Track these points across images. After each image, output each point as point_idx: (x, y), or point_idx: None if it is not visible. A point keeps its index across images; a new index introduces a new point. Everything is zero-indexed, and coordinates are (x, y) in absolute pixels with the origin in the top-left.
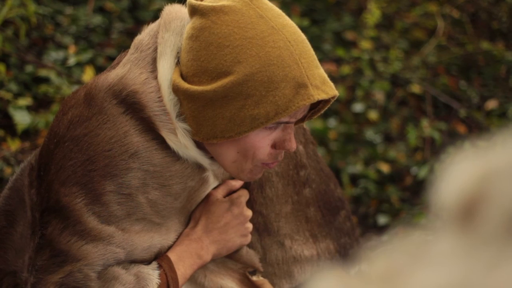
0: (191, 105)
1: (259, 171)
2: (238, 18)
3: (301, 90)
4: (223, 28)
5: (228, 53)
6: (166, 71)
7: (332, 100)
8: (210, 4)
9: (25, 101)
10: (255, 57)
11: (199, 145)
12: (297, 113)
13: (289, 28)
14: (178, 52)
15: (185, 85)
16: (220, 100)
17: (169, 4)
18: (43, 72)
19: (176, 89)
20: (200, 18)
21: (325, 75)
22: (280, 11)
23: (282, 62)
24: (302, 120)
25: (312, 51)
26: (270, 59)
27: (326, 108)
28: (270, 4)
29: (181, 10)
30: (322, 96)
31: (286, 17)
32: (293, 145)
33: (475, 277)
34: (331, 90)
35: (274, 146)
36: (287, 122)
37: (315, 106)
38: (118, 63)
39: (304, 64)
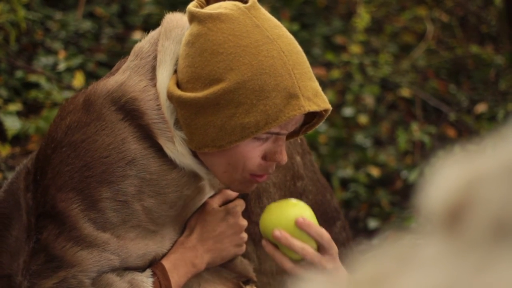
0: (183, 112)
1: (250, 183)
2: (234, 26)
3: (292, 101)
4: (219, 35)
5: (222, 60)
6: (165, 79)
7: (326, 115)
8: (208, 11)
9: (15, 106)
10: (248, 65)
11: (196, 154)
12: (288, 124)
13: (285, 39)
14: (177, 60)
15: (178, 92)
16: (211, 108)
17: (170, 13)
18: (33, 78)
19: (170, 96)
20: (197, 24)
21: (319, 88)
22: (277, 22)
23: (275, 71)
24: (296, 133)
25: (307, 64)
26: (263, 67)
27: (320, 123)
28: (268, 15)
29: (182, 19)
30: (313, 108)
31: (283, 28)
32: (284, 157)
33: (462, 282)
34: (323, 103)
35: (264, 157)
36: (278, 133)
37: (310, 121)
38: (117, 70)
39: (296, 75)
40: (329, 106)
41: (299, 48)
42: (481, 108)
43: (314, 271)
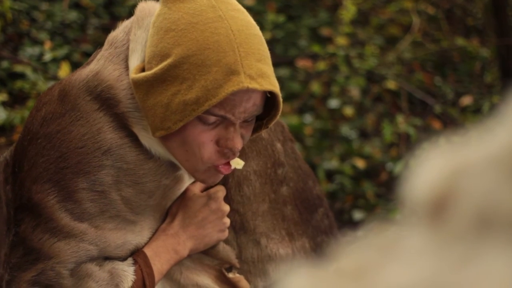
0: (138, 95)
1: (214, 174)
2: (190, 5)
3: (232, 77)
4: (175, 14)
5: (172, 37)
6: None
7: (279, 106)
8: None
9: (0, 97)
10: (194, 40)
11: None
12: (234, 109)
13: (239, 20)
14: None
15: (133, 75)
16: (159, 86)
17: (143, 1)
18: (18, 68)
19: (131, 82)
20: (161, 5)
21: (268, 72)
22: (239, 7)
23: (218, 47)
24: (259, 128)
25: (259, 46)
26: (207, 43)
27: (277, 115)
28: (233, 1)
29: (154, 7)
30: (253, 85)
31: (244, 13)
32: (236, 144)
33: (445, 273)
34: (268, 85)
35: (218, 143)
36: (224, 117)
37: (268, 114)
38: (92, 60)
39: (242, 53)
40: (273, 88)
41: (255, 32)
42: (466, 100)
43: None
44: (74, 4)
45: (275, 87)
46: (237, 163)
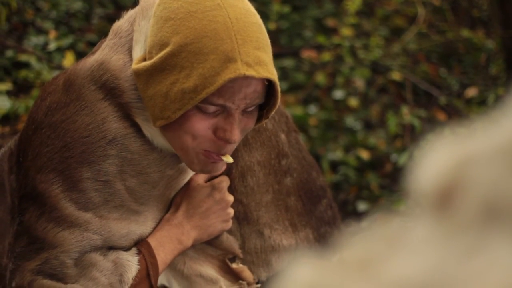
0: (138, 85)
1: (208, 164)
2: None
3: (230, 65)
4: (174, 3)
5: (171, 25)
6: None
7: (278, 94)
8: None
9: (5, 86)
10: (192, 29)
11: None
12: (234, 96)
13: (238, 9)
14: None
15: (133, 65)
16: (159, 75)
17: None
18: (23, 57)
19: (133, 72)
20: None
21: (267, 60)
22: None
23: (216, 35)
24: (260, 118)
25: (259, 35)
26: (205, 31)
27: (276, 104)
28: None
29: None
30: (250, 72)
31: (245, 2)
32: (233, 136)
33: (451, 264)
34: (265, 72)
35: (215, 133)
36: (224, 106)
37: (268, 104)
38: (97, 50)
39: (239, 40)
40: (271, 76)
41: (255, 20)
42: (471, 92)
43: None
44: None
45: (272, 75)
46: (227, 158)
